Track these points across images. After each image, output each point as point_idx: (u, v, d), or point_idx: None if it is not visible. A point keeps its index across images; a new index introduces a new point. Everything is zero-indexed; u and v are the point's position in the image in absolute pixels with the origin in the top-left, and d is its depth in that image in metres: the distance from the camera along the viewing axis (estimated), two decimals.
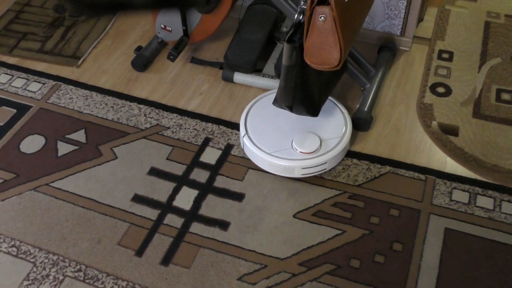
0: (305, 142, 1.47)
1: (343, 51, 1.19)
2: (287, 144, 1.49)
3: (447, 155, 1.52)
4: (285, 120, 1.55)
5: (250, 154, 1.52)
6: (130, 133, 1.65)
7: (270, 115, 1.57)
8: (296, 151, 1.46)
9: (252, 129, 1.52)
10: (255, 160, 1.51)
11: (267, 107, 1.58)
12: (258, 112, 1.58)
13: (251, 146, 1.49)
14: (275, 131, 1.52)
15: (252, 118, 1.56)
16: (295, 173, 1.46)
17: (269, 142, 1.49)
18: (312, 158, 1.45)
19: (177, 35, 1.85)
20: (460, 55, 1.81)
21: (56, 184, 1.52)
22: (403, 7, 1.78)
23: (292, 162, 1.44)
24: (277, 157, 1.45)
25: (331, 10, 1.15)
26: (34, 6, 2.19)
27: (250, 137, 1.50)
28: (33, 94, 1.80)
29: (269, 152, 1.47)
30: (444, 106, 1.64)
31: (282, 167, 1.45)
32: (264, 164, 1.49)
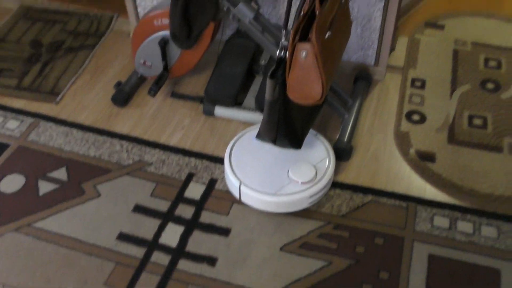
0: (302, 171, 1.47)
1: (325, 85, 1.23)
2: (284, 178, 1.48)
3: (426, 182, 1.56)
4: (269, 154, 1.55)
5: (251, 200, 1.47)
6: (112, 170, 1.65)
7: (252, 153, 1.55)
8: (298, 183, 1.46)
9: (243, 174, 1.48)
10: (258, 205, 1.47)
11: (247, 146, 1.57)
12: (240, 154, 1.55)
13: (252, 192, 1.44)
14: (265, 168, 1.50)
15: (238, 161, 1.52)
16: (303, 205, 1.46)
17: (267, 182, 1.46)
18: (315, 184, 1.45)
19: (156, 70, 1.86)
20: (432, 83, 1.87)
21: (39, 224, 1.50)
22: (376, 38, 1.85)
23: (299, 194, 1.43)
24: (283, 195, 1.43)
25: (312, 46, 1.19)
26: (10, 41, 2.18)
27: (247, 184, 1.46)
28: (12, 132, 1.78)
29: (273, 192, 1.45)
30: (420, 133, 1.70)
31: (291, 203, 1.44)
32: (270, 206, 1.46)
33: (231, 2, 1.60)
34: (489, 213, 1.47)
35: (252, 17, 1.61)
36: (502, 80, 1.86)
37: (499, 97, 1.80)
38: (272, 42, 1.63)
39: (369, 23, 1.81)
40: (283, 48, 1.28)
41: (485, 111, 1.76)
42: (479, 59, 1.96)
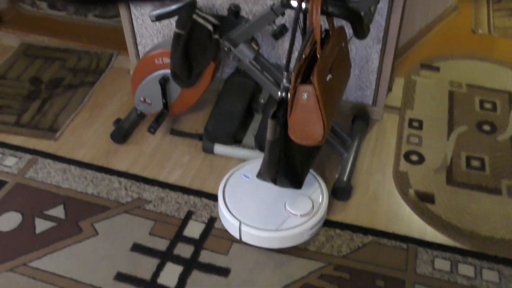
0: (299, 204, 1.49)
1: (326, 126, 1.24)
2: (282, 213, 1.48)
3: (426, 223, 1.56)
4: (263, 190, 1.55)
5: (253, 239, 1.47)
6: (111, 207, 1.63)
7: (246, 190, 1.55)
8: (297, 216, 1.47)
9: (241, 213, 1.48)
10: (261, 243, 1.46)
11: (239, 183, 1.57)
12: (234, 191, 1.55)
13: (254, 231, 1.44)
14: (262, 204, 1.51)
15: (232, 199, 1.52)
16: (304, 238, 1.48)
17: (267, 218, 1.46)
18: (313, 216, 1.47)
19: (156, 108, 1.87)
20: (429, 124, 1.90)
21: (34, 263, 1.47)
22: (374, 79, 1.88)
23: (301, 227, 1.44)
24: (285, 230, 1.44)
25: (314, 88, 1.21)
26: (10, 78, 2.19)
27: (247, 223, 1.45)
28: (9, 169, 1.77)
29: (275, 228, 1.44)
30: (419, 173, 1.71)
31: (293, 237, 1.45)
32: (273, 242, 1.45)
33: (232, 43, 1.63)
34: (490, 257, 1.46)
35: (253, 57, 1.63)
36: (498, 122, 1.89)
37: (496, 139, 1.82)
38: (272, 81, 1.65)
39: (367, 65, 1.84)
40: (284, 90, 1.30)
41: (482, 153, 1.77)
42: (474, 101, 1.99)
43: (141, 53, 2.15)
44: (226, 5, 1.85)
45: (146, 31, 2.05)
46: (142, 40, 2.09)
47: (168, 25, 2.00)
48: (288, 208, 1.48)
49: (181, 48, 1.63)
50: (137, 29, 2.06)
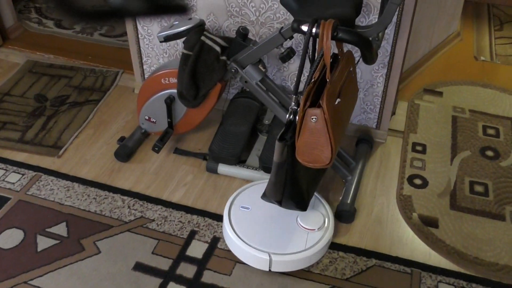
0: (312, 219, 1.50)
1: (334, 150, 1.25)
2: (300, 231, 1.48)
3: (429, 247, 1.56)
4: (268, 215, 1.53)
5: (284, 266, 1.44)
6: (113, 226, 1.63)
7: (253, 222, 1.52)
8: (314, 231, 1.48)
9: (267, 246, 1.45)
10: (293, 266, 1.45)
11: (242, 217, 1.53)
12: (243, 220, 1.52)
13: (284, 257, 1.42)
14: (278, 230, 1.49)
15: (244, 229, 1.49)
16: (325, 250, 1.50)
17: (293, 243, 1.45)
18: (328, 227, 1.50)
19: (160, 126, 1.88)
20: (433, 148, 1.91)
21: (36, 281, 1.46)
22: (378, 102, 1.89)
23: (323, 241, 1.46)
24: (312, 247, 1.44)
25: (323, 112, 1.22)
26: (14, 95, 2.20)
27: (277, 252, 1.43)
28: (12, 186, 1.76)
29: (303, 249, 1.44)
30: (422, 197, 1.71)
31: (319, 252, 1.46)
32: (304, 262, 1.45)
33: (239, 65, 1.64)
34: (494, 283, 1.45)
35: (259, 79, 1.65)
36: (501, 148, 1.90)
37: (499, 165, 1.83)
38: (278, 103, 1.66)
39: (372, 88, 1.86)
40: (292, 112, 1.31)
41: (486, 178, 1.78)
42: (477, 126, 2.00)
43: (147, 73, 2.17)
44: (232, 27, 1.87)
45: (152, 50, 2.07)
46: (148, 59, 2.11)
47: (174, 45, 2.03)
48: (303, 225, 1.49)
49: (189, 68, 1.64)
50: (143, 48, 2.08)
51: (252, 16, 1.83)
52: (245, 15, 1.83)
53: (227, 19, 1.86)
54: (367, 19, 1.71)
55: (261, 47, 1.59)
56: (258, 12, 1.81)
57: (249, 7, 1.81)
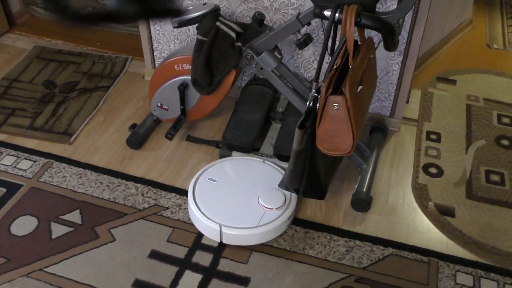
0: (272, 198, 1.52)
1: (355, 137, 1.23)
2: (258, 209, 1.51)
3: (446, 237, 1.55)
4: (234, 190, 1.57)
5: (234, 239, 1.48)
6: (127, 213, 1.62)
7: (216, 196, 1.56)
8: (272, 209, 1.50)
9: (220, 217, 1.49)
10: (244, 241, 1.49)
11: (206, 190, 1.57)
12: (205, 198, 1.54)
13: (234, 231, 1.46)
14: (235, 205, 1.53)
15: (204, 202, 1.53)
16: (283, 228, 1.52)
17: (245, 217, 1.49)
18: (287, 207, 1.52)
19: (172, 114, 1.86)
20: (447, 137, 1.89)
21: (50, 269, 1.45)
22: (393, 90, 1.87)
23: (280, 220, 1.49)
24: (266, 224, 1.47)
25: (345, 99, 1.20)
26: (23, 81, 2.17)
27: (227, 224, 1.47)
28: (24, 173, 1.75)
29: (255, 225, 1.47)
30: (438, 186, 1.70)
31: (275, 229, 1.49)
32: (255, 238, 1.48)
33: (254, 51, 1.62)
34: None
35: (275, 66, 1.63)
36: None
37: None
38: (294, 90, 1.64)
39: (387, 76, 1.84)
40: (313, 100, 1.29)
41: (502, 168, 1.77)
42: (492, 115, 1.99)
43: (157, 59, 2.14)
44: (246, 13, 1.85)
45: (163, 36, 2.04)
46: (158, 45, 2.08)
47: (185, 31, 2.00)
48: (262, 203, 1.51)
49: (203, 55, 1.62)
50: (154, 34, 2.05)
51: (266, 1, 1.80)
52: (259, 1, 1.80)
53: (241, 4, 1.84)
54: (384, 5, 1.68)
55: (278, 33, 1.57)
56: None
57: None
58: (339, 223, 1.60)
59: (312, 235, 1.56)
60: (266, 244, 1.53)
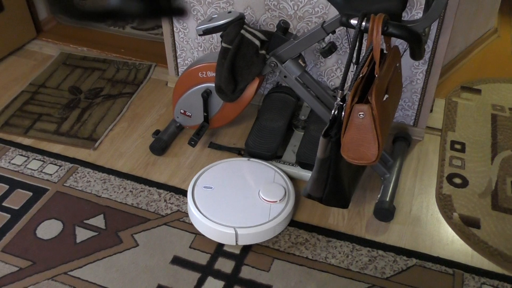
0: (273, 192, 1.57)
1: (380, 147, 1.23)
2: (263, 205, 1.55)
3: (471, 248, 1.52)
4: (231, 192, 1.60)
5: (250, 238, 1.50)
6: (150, 219, 1.63)
7: (216, 200, 1.57)
8: (276, 202, 1.55)
9: (232, 221, 1.50)
10: (259, 238, 1.51)
11: (206, 197, 1.58)
12: (208, 205, 1.55)
13: (250, 230, 1.48)
14: (241, 205, 1.55)
15: (215, 213, 1.53)
16: (289, 220, 1.58)
17: (256, 215, 1.52)
18: (289, 198, 1.57)
19: (195, 120, 1.87)
20: (472, 147, 1.87)
21: (75, 273, 1.47)
22: (417, 99, 1.86)
23: (286, 211, 1.53)
24: (276, 218, 1.51)
25: (370, 108, 1.19)
26: (49, 87, 2.21)
27: (242, 226, 1.49)
28: (50, 177, 1.78)
29: (267, 221, 1.50)
30: (463, 197, 1.67)
31: (285, 220, 1.53)
32: (269, 233, 1.51)
33: (278, 59, 1.63)
34: None
35: (299, 74, 1.63)
36: None
37: None
38: (317, 99, 1.64)
39: (411, 85, 1.83)
40: (338, 108, 1.29)
41: None
42: None
43: (180, 66, 2.16)
44: (269, 21, 1.85)
45: (187, 44, 2.06)
46: (182, 53, 2.11)
47: (209, 39, 2.02)
48: (265, 198, 1.55)
49: (228, 62, 1.63)
50: (178, 42, 2.07)
51: (290, 10, 1.81)
52: (283, 9, 1.81)
53: (265, 12, 1.85)
54: (409, 14, 1.68)
55: (302, 41, 1.58)
56: (297, 6, 1.79)
57: (288, 1, 1.79)
58: (362, 233, 1.59)
59: (334, 244, 1.55)
60: (288, 252, 1.53)
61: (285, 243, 1.56)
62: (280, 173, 1.66)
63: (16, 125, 2.00)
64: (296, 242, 1.56)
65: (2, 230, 1.58)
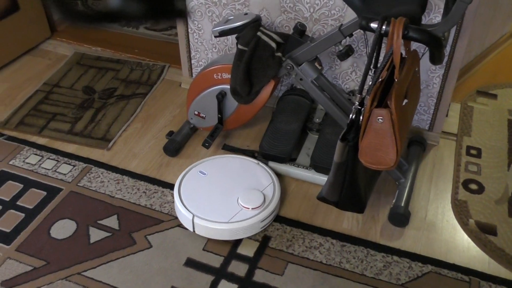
0: (251, 198, 1.56)
1: (399, 152, 1.21)
2: (234, 207, 1.55)
3: (488, 256, 1.51)
4: (217, 185, 1.63)
5: (205, 231, 1.53)
6: (164, 220, 1.62)
7: (200, 188, 1.62)
8: (248, 209, 1.54)
9: (195, 207, 1.55)
10: (212, 235, 1.53)
11: (192, 182, 1.64)
12: (188, 189, 1.61)
13: (206, 223, 1.51)
14: (214, 200, 1.58)
15: (188, 195, 1.60)
16: (255, 230, 1.55)
17: (219, 212, 1.54)
18: (264, 209, 1.55)
19: (209, 122, 1.87)
20: (488, 152, 1.85)
21: (89, 273, 1.47)
22: (433, 104, 1.84)
23: (252, 220, 1.52)
24: (237, 222, 1.51)
25: (390, 113, 1.18)
26: (63, 87, 2.22)
27: (200, 216, 1.52)
28: (64, 177, 1.78)
29: (226, 221, 1.51)
30: (479, 203, 1.66)
31: (245, 229, 1.52)
32: (224, 234, 1.52)
33: (295, 61, 1.62)
34: None
35: (315, 77, 1.62)
36: None
37: None
38: (333, 102, 1.63)
39: (427, 89, 1.81)
40: (356, 112, 1.27)
41: None
42: None
43: (194, 67, 2.16)
44: (285, 23, 1.85)
45: (201, 45, 2.06)
46: (196, 54, 2.10)
47: (224, 40, 2.01)
48: (241, 202, 1.55)
49: (244, 64, 1.62)
50: (192, 43, 2.07)
51: (306, 12, 1.80)
52: (299, 11, 1.80)
53: (280, 14, 1.84)
54: (426, 18, 1.66)
55: (319, 44, 1.57)
56: (313, 9, 1.78)
57: (303, 3, 1.78)
58: (376, 238, 1.58)
59: (348, 249, 1.54)
60: (302, 256, 1.52)
61: (299, 247, 1.55)
62: (276, 186, 1.63)
63: (31, 124, 2.00)
64: (310, 246, 1.55)
65: (16, 229, 1.59)
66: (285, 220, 1.63)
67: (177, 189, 1.61)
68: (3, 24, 2.28)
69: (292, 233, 1.59)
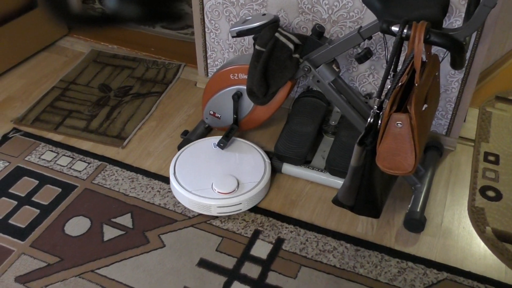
0: (224, 183, 1.63)
1: (418, 157, 1.20)
2: (207, 184, 1.64)
3: (505, 264, 1.48)
4: (209, 163, 1.73)
5: (175, 192, 1.67)
6: (177, 220, 1.62)
7: (196, 160, 1.74)
8: (215, 191, 1.61)
9: (179, 171, 1.69)
10: (178, 197, 1.66)
11: (194, 154, 1.77)
12: (186, 158, 1.75)
13: (176, 184, 1.64)
14: (199, 173, 1.69)
15: (181, 162, 1.73)
16: (211, 211, 1.61)
17: (192, 183, 1.64)
18: (228, 198, 1.60)
19: (224, 122, 1.86)
20: (507, 159, 1.82)
21: (102, 271, 1.47)
22: (451, 108, 1.82)
23: (209, 200, 1.59)
24: (196, 195, 1.60)
25: (409, 117, 1.17)
26: (80, 84, 2.23)
27: (177, 177, 1.66)
28: (79, 174, 1.79)
29: (190, 190, 1.61)
30: (496, 211, 1.63)
31: (200, 204, 1.60)
32: (184, 201, 1.64)
33: (312, 63, 1.61)
34: None
35: (332, 79, 1.61)
36: None
37: None
38: (350, 105, 1.61)
39: (446, 93, 1.79)
40: (374, 116, 1.26)
41: None
42: None
43: (210, 67, 2.16)
44: (303, 24, 1.84)
45: (218, 45, 2.06)
46: (212, 53, 2.10)
47: (240, 41, 2.00)
48: (213, 182, 1.64)
49: (261, 65, 1.62)
50: (209, 42, 2.07)
51: (324, 13, 1.78)
52: (317, 13, 1.79)
53: (298, 16, 1.83)
54: (447, 22, 1.64)
55: (337, 46, 1.55)
56: (331, 10, 1.77)
57: (322, 5, 1.77)
58: (391, 243, 1.56)
59: (363, 253, 1.53)
60: (316, 259, 1.50)
61: (312, 250, 1.53)
62: (265, 176, 1.69)
63: (47, 121, 2.01)
64: (324, 250, 1.54)
65: (31, 225, 1.60)
66: (299, 223, 1.62)
67: (175, 158, 1.74)
68: (21, 21, 2.30)
69: (305, 236, 1.58)
